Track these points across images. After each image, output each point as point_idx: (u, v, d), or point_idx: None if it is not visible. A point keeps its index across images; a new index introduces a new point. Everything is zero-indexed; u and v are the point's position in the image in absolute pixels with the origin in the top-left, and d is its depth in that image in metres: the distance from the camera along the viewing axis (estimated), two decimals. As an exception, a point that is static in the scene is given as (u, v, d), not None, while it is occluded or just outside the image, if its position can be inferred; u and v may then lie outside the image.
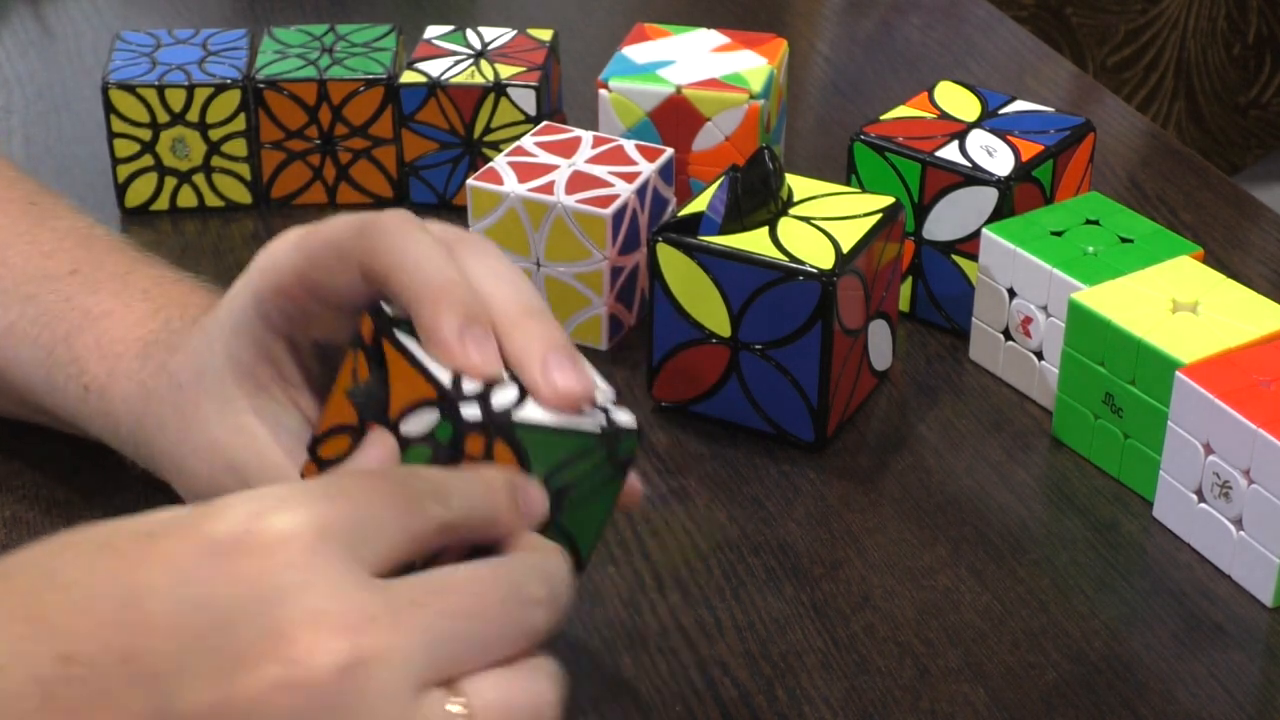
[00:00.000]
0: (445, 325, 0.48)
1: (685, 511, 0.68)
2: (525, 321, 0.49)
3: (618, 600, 0.63)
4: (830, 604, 0.63)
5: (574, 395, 0.48)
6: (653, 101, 0.83)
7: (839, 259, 0.68)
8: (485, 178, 0.76)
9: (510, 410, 0.48)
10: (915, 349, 0.78)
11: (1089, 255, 0.72)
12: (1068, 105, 1.02)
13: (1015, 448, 0.72)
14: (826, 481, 0.70)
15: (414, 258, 0.49)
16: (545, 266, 0.76)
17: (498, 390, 0.48)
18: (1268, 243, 0.88)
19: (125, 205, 0.89)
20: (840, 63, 1.08)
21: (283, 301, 0.53)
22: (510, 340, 0.49)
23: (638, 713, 0.58)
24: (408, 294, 0.49)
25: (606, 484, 0.50)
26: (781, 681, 0.60)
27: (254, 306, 0.53)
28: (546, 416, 0.48)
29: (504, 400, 0.48)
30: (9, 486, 0.68)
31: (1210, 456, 0.64)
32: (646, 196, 0.77)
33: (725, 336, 0.70)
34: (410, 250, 0.49)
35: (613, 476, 0.50)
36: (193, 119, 0.86)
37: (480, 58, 0.88)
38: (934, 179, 0.76)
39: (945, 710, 0.59)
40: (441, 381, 0.48)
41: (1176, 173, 0.94)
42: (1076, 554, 0.66)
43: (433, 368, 0.48)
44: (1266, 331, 0.67)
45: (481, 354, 0.48)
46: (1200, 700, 0.59)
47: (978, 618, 0.63)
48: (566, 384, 0.48)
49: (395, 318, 0.49)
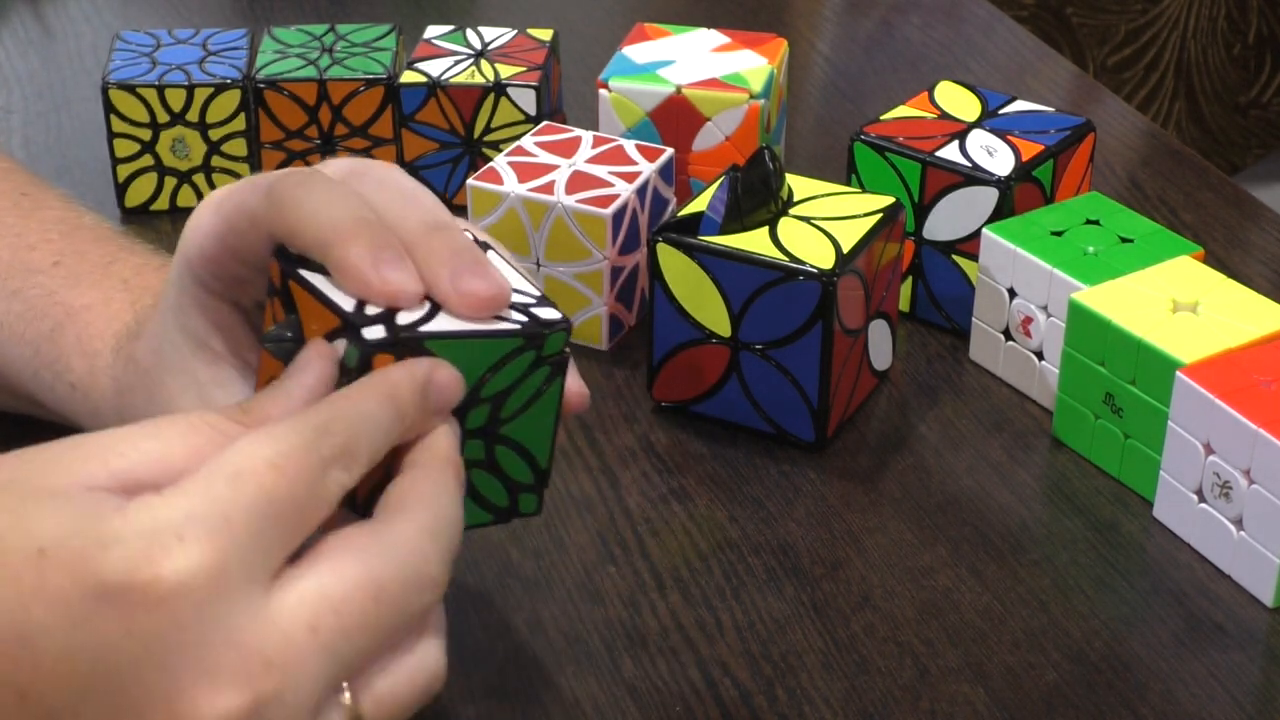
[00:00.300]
0: (355, 257, 0.47)
1: (685, 511, 0.68)
2: (429, 237, 0.49)
3: (618, 600, 0.63)
4: (830, 604, 0.63)
5: (480, 298, 0.48)
6: (653, 101, 0.83)
7: (839, 259, 0.68)
8: (485, 178, 0.76)
9: (416, 325, 0.47)
10: (915, 349, 0.78)
11: (1089, 255, 0.72)
12: (1068, 105, 1.02)
13: (1015, 448, 0.72)
14: (827, 481, 0.70)
15: (313, 207, 0.49)
16: (545, 266, 0.76)
17: (404, 311, 0.48)
18: (1268, 243, 0.88)
19: (125, 205, 0.89)
20: (840, 63, 1.08)
21: (212, 267, 0.53)
22: (416, 258, 0.48)
23: (638, 713, 0.58)
24: (316, 243, 0.48)
25: (545, 386, 0.49)
26: (781, 681, 0.60)
27: (189, 275, 0.53)
28: (458, 326, 0.48)
29: (411, 317, 0.48)
30: None
31: (1210, 456, 0.64)
32: (646, 196, 0.77)
33: (725, 336, 0.70)
34: (309, 201, 0.49)
35: (550, 378, 0.49)
36: (193, 119, 0.86)
37: (480, 58, 0.88)
38: (934, 179, 0.76)
39: (945, 710, 0.59)
40: (343, 308, 0.47)
41: (1176, 173, 0.94)
42: (1076, 554, 0.66)
43: (336, 297, 0.48)
44: (1266, 331, 0.67)
45: (398, 275, 0.47)
46: (1200, 700, 0.59)
47: (978, 618, 0.63)
48: (472, 288, 0.48)
49: (299, 256, 0.49)
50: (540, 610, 0.63)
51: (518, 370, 0.49)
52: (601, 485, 0.69)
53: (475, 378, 0.48)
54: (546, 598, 0.63)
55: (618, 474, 0.70)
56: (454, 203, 0.88)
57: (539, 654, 0.61)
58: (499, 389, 0.48)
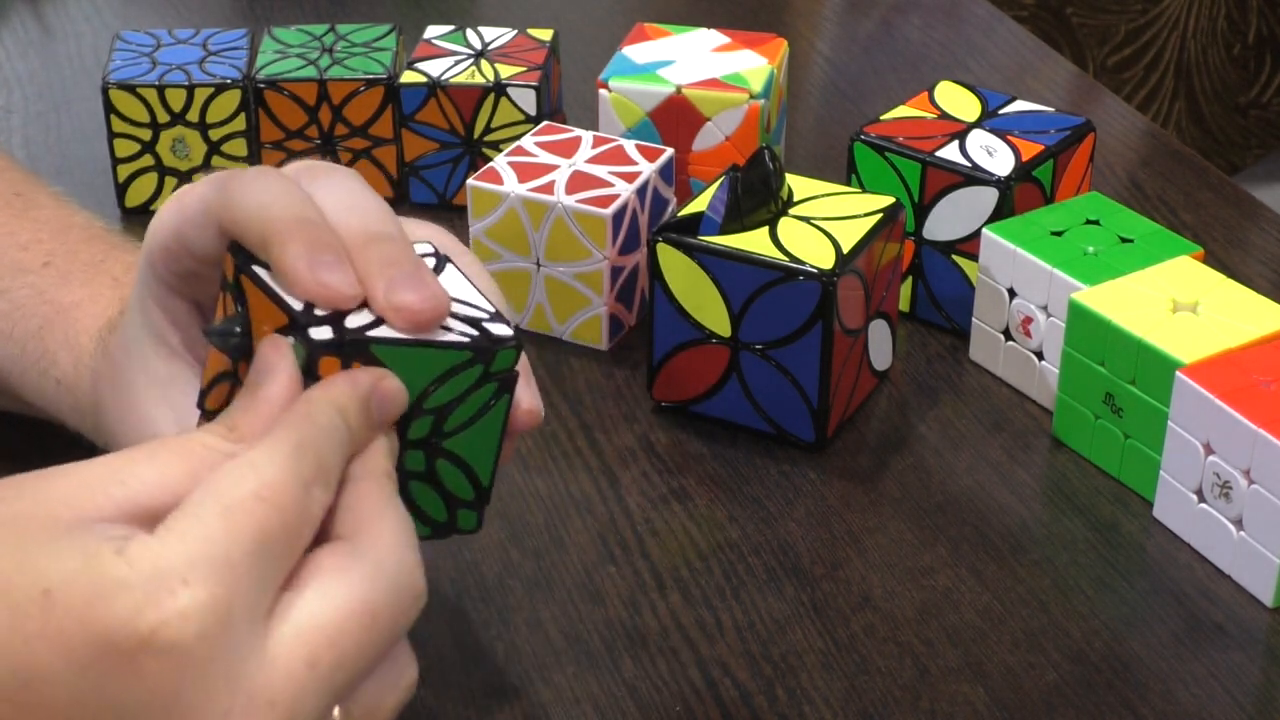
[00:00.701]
0: (292, 255, 0.47)
1: (685, 511, 0.68)
2: (370, 246, 0.48)
3: (618, 600, 0.63)
4: (830, 604, 0.63)
5: (416, 312, 0.47)
6: (653, 101, 0.83)
7: (839, 259, 0.68)
8: (485, 178, 0.76)
9: (364, 329, 0.47)
10: (915, 349, 0.78)
11: (1089, 255, 0.72)
12: (1068, 105, 1.02)
13: (1015, 448, 0.72)
14: (826, 481, 0.70)
15: (260, 201, 0.48)
16: (545, 266, 0.76)
17: (355, 314, 0.47)
18: (1268, 243, 0.88)
19: (125, 205, 0.89)
20: (840, 63, 1.08)
21: (170, 261, 0.53)
22: (356, 265, 0.48)
23: (638, 713, 0.58)
24: (258, 239, 0.48)
25: (491, 403, 0.49)
26: (781, 681, 0.60)
27: (150, 270, 0.54)
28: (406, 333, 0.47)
29: (359, 320, 0.47)
30: None
31: (1210, 456, 0.64)
32: (646, 196, 0.77)
33: (725, 336, 0.70)
34: (258, 195, 0.49)
35: (497, 394, 0.49)
36: (193, 119, 0.86)
37: (480, 58, 0.88)
38: (934, 179, 0.76)
39: (945, 710, 0.59)
40: (292, 306, 0.47)
41: (1176, 173, 0.94)
42: (1076, 554, 0.66)
43: (285, 295, 0.47)
44: (1266, 331, 0.67)
45: (334, 277, 0.47)
46: (1200, 700, 0.59)
47: (978, 618, 0.63)
48: (404, 300, 0.47)
49: (253, 254, 0.49)
50: (540, 610, 0.63)
51: (464, 384, 0.48)
52: (601, 485, 0.69)
53: (419, 388, 0.47)
54: (546, 598, 0.63)
55: (618, 474, 0.70)
56: (454, 203, 0.89)
57: (539, 654, 0.61)
58: (443, 401, 0.48)
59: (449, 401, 0.48)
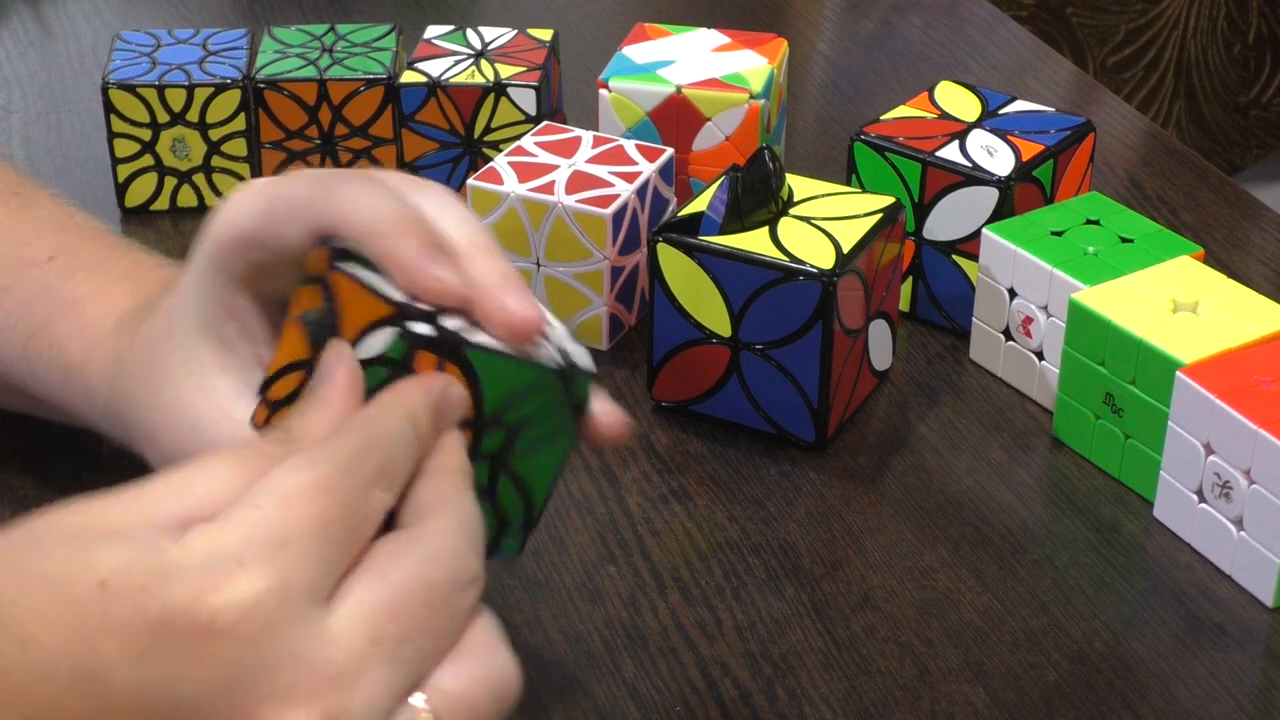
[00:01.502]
0: (405, 249, 0.48)
1: (685, 511, 0.68)
2: (479, 255, 0.50)
3: (618, 600, 0.63)
4: (830, 604, 0.63)
5: (522, 321, 0.48)
6: (653, 101, 0.83)
7: (839, 259, 0.68)
8: (485, 177, 0.76)
9: (462, 331, 0.48)
10: (915, 349, 0.78)
11: (1089, 255, 0.72)
12: (1068, 105, 1.02)
13: (1015, 448, 0.72)
14: (827, 481, 0.70)
15: (369, 201, 0.50)
16: (545, 266, 0.76)
17: (451, 316, 0.48)
18: (1268, 243, 0.88)
19: (125, 205, 0.89)
20: (840, 63, 1.08)
21: (241, 252, 0.53)
22: (464, 272, 0.49)
23: (638, 713, 0.58)
24: (364, 232, 0.49)
25: (560, 429, 0.50)
26: (781, 681, 0.60)
27: (214, 259, 0.54)
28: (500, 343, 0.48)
29: (457, 323, 0.48)
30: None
31: (1211, 456, 0.64)
32: (646, 196, 0.77)
33: (725, 336, 0.70)
34: (365, 196, 0.50)
35: (567, 422, 0.50)
36: (193, 119, 0.86)
37: (480, 58, 0.88)
38: (934, 179, 0.76)
39: (945, 710, 0.59)
40: (396, 299, 0.48)
41: (1176, 173, 0.94)
42: (1077, 554, 0.66)
43: (386, 288, 0.48)
44: (1267, 331, 0.67)
45: (446, 273, 0.48)
46: (1200, 700, 0.59)
47: (978, 618, 0.63)
48: (519, 308, 0.48)
49: (345, 250, 0.49)
50: (540, 610, 0.63)
51: (541, 402, 0.49)
52: (601, 485, 0.69)
53: (501, 400, 0.48)
54: (546, 598, 0.63)
55: (618, 474, 0.70)
56: (454, 203, 0.88)
57: (539, 654, 0.61)
58: (520, 417, 0.49)
59: (525, 417, 0.49)
